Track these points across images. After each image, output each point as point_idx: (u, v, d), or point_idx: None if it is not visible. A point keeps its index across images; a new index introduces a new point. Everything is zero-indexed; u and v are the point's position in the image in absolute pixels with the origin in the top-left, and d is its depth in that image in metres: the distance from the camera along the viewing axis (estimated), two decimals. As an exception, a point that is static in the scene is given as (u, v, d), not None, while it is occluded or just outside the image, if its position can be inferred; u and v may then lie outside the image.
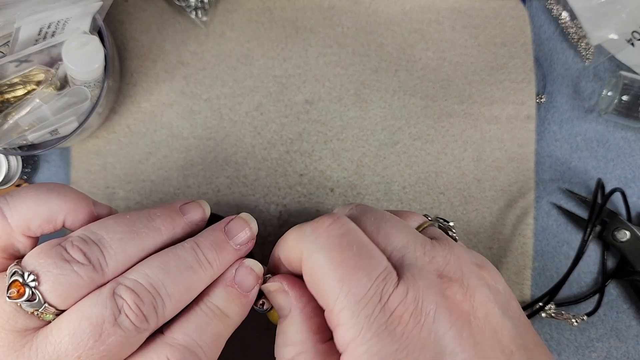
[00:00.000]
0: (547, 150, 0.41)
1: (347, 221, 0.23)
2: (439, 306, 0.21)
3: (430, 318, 0.20)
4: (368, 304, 0.21)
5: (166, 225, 0.25)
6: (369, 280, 0.21)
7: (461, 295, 0.22)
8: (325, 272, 0.22)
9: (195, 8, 0.38)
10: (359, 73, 0.39)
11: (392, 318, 0.20)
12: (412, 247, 0.23)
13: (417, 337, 0.20)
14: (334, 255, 0.22)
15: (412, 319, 0.20)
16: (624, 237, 0.38)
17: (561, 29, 0.42)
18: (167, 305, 0.23)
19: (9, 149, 0.34)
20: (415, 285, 0.21)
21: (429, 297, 0.21)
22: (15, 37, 0.30)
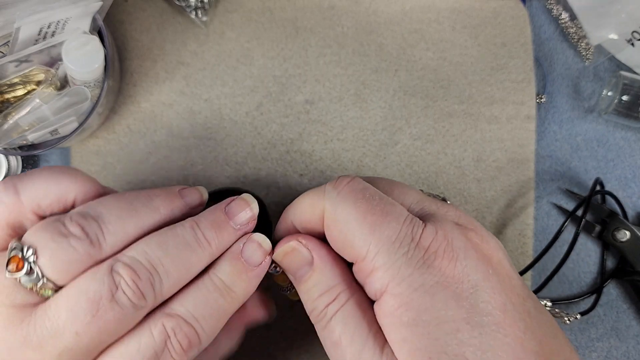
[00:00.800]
0: (547, 150, 0.41)
1: (363, 180, 0.25)
2: (466, 244, 0.22)
3: (462, 254, 0.22)
4: (402, 243, 0.22)
5: (165, 205, 0.25)
6: (398, 224, 0.22)
7: (478, 240, 0.23)
8: (354, 222, 0.22)
9: (195, 8, 0.38)
10: (359, 73, 0.39)
11: (427, 253, 0.22)
12: (427, 200, 0.25)
13: (454, 270, 0.21)
14: (359, 205, 0.23)
15: (446, 255, 0.22)
16: (624, 237, 0.38)
17: (561, 29, 0.42)
18: (164, 282, 0.23)
19: (9, 149, 0.34)
20: (442, 226, 0.23)
21: (457, 237, 0.22)
22: (15, 37, 0.30)
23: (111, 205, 0.24)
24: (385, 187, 0.25)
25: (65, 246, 0.22)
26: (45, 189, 0.24)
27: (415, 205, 0.25)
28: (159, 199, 0.25)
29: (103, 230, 0.23)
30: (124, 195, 0.25)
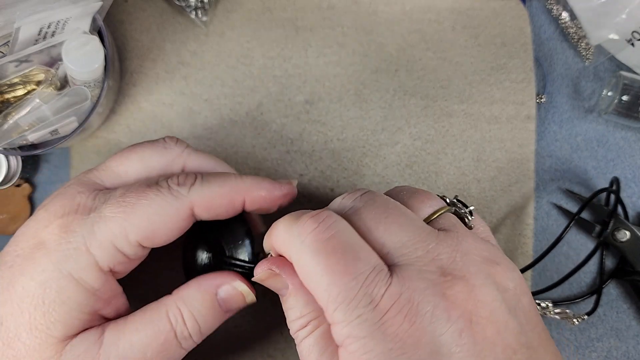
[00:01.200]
0: (547, 150, 0.41)
1: (334, 222, 0.23)
2: (436, 307, 0.21)
3: (426, 319, 0.20)
4: (358, 305, 0.21)
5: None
6: (357, 283, 0.21)
7: (464, 294, 0.21)
8: (314, 276, 0.22)
9: (195, 8, 0.38)
10: (359, 73, 0.39)
11: (384, 318, 0.21)
12: (412, 246, 0.22)
13: (412, 337, 0.20)
14: (319, 261, 0.22)
15: (406, 320, 0.20)
16: (624, 237, 0.38)
17: (561, 29, 0.42)
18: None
19: (9, 149, 0.34)
20: (410, 286, 0.21)
21: (426, 298, 0.21)
22: (15, 37, 0.30)
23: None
24: (371, 221, 0.23)
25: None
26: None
27: (396, 250, 0.23)
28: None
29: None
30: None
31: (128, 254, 0.25)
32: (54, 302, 0.24)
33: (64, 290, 0.24)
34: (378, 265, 0.22)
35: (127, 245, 0.25)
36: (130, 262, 0.26)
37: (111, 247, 0.25)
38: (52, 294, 0.24)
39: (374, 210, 0.24)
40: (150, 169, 0.28)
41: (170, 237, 0.26)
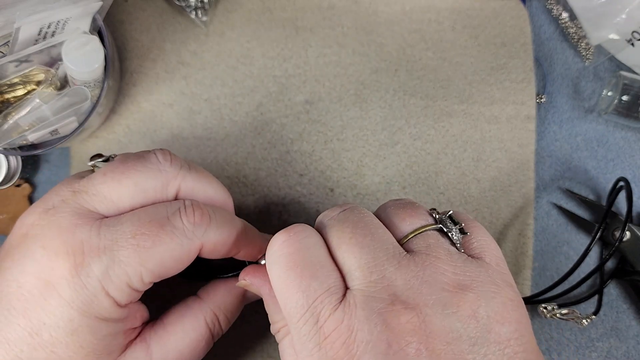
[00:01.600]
0: (547, 150, 0.41)
1: (304, 237, 0.23)
2: (376, 338, 0.20)
3: (361, 349, 0.20)
4: (306, 324, 0.21)
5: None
6: (306, 302, 0.22)
7: (413, 325, 0.20)
8: (276, 287, 0.23)
9: (195, 8, 0.38)
10: (359, 73, 0.39)
11: (325, 342, 0.21)
12: (368, 269, 0.22)
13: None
14: (280, 274, 0.23)
15: (343, 347, 0.20)
16: (624, 237, 0.38)
17: (561, 29, 0.42)
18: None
19: (9, 149, 0.34)
20: (353, 314, 0.21)
21: (366, 328, 0.20)
22: (15, 37, 0.30)
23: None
24: (337, 239, 0.23)
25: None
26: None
27: (354, 271, 0.22)
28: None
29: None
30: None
31: (141, 290, 0.26)
32: (90, 343, 0.24)
33: (97, 331, 0.24)
34: (333, 287, 0.22)
35: (141, 285, 0.25)
36: (144, 292, 0.27)
37: (127, 288, 0.25)
38: (86, 337, 0.24)
39: (343, 228, 0.24)
40: (145, 194, 0.26)
41: (173, 274, 0.27)
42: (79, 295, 0.23)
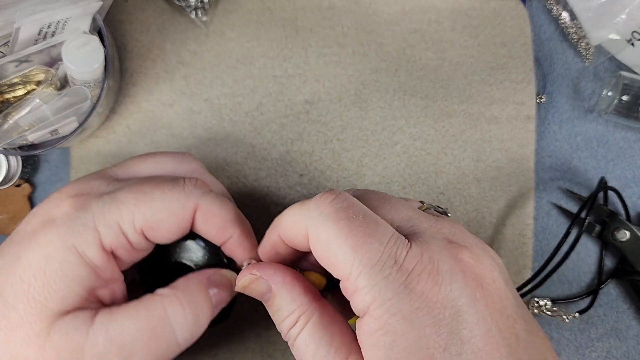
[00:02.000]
0: (547, 150, 0.41)
1: (349, 196, 0.24)
2: (453, 267, 0.21)
3: (447, 278, 0.21)
4: (384, 266, 0.21)
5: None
6: (380, 245, 0.22)
7: (472, 260, 0.22)
8: (336, 243, 0.22)
9: (195, 8, 0.38)
10: (359, 73, 0.39)
11: (410, 278, 0.21)
12: (418, 219, 0.24)
13: (437, 295, 0.21)
14: (341, 226, 0.22)
15: (430, 279, 0.21)
16: (624, 237, 0.38)
17: (561, 29, 0.42)
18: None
19: (9, 149, 0.34)
20: (429, 248, 0.22)
21: (443, 258, 0.22)
22: (15, 37, 0.30)
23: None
24: (376, 202, 0.25)
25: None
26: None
27: (405, 222, 0.24)
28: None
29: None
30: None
31: (130, 240, 0.26)
32: (55, 274, 0.24)
33: (66, 263, 0.24)
34: (396, 232, 0.23)
35: (131, 230, 0.26)
36: (131, 251, 0.27)
37: (117, 228, 0.25)
38: (54, 265, 0.24)
39: (375, 194, 0.25)
40: (163, 172, 0.29)
41: (167, 235, 0.27)
42: (69, 224, 0.25)
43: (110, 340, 0.24)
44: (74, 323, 0.24)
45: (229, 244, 0.28)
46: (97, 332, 0.24)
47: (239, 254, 0.28)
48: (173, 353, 0.26)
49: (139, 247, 0.27)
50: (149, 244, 0.27)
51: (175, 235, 0.27)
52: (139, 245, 0.27)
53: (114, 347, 0.24)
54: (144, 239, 0.26)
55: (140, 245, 0.27)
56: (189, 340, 0.26)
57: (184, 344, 0.26)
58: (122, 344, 0.24)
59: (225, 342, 0.36)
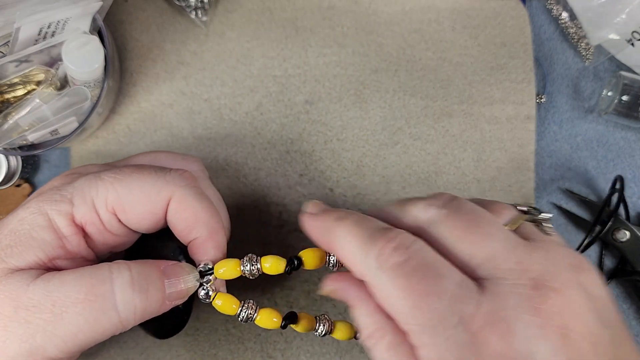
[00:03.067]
0: (547, 150, 0.41)
1: (412, 243, 0.22)
2: (531, 324, 0.19)
3: (521, 337, 0.19)
4: (446, 326, 0.20)
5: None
6: (441, 303, 0.20)
7: (558, 307, 0.20)
8: (395, 299, 0.21)
9: (195, 8, 0.38)
10: (359, 73, 0.39)
11: (477, 339, 0.19)
12: (502, 257, 0.21)
13: (507, 350, 0.19)
14: (398, 285, 0.21)
15: (500, 338, 0.19)
16: (624, 237, 0.38)
17: (561, 29, 0.42)
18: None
19: (9, 149, 0.34)
20: (504, 301, 0.20)
21: (520, 314, 0.19)
22: (15, 37, 0.30)
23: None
24: (458, 231, 0.22)
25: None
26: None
27: (486, 262, 0.21)
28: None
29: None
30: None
31: (102, 218, 0.26)
32: (22, 234, 0.25)
33: (34, 225, 0.25)
34: (463, 281, 0.21)
35: (103, 207, 0.26)
36: (103, 232, 0.27)
37: (90, 203, 0.26)
38: (25, 226, 0.25)
39: (462, 218, 0.22)
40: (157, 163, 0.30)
41: (139, 220, 0.27)
42: (49, 195, 0.26)
43: (46, 294, 0.23)
44: (20, 277, 0.24)
45: (193, 244, 0.28)
46: (37, 287, 0.24)
47: (199, 255, 0.27)
48: (110, 321, 0.24)
49: (112, 230, 0.27)
50: (123, 228, 0.27)
51: (148, 223, 0.27)
52: (111, 226, 0.27)
53: (48, 301, 0.23)
54: (116, 221, 0.27)
55: (112, 227, 0.27)
56: (130, 314, 0.25)
57: (123, 314, 0.24)
58: (56, 299, 0.23)
59: (225, 342, 0.36)
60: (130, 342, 0.36)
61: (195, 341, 0.36)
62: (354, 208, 0.38)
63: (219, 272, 0.27)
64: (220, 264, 0.27)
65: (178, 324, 0.29)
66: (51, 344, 0.23)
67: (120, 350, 0.36)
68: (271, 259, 0.27)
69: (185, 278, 0.26)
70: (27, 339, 0.23)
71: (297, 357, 0.36)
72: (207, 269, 0.27)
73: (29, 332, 0.23)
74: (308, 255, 0.27)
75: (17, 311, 0.23)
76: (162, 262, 0.27)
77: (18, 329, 0.23)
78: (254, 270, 0.27)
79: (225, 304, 0.27)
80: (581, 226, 0.40)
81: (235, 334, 0.36)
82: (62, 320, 0.23)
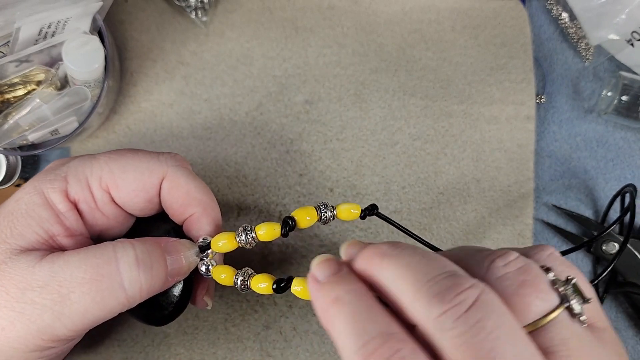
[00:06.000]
0: (547, 150, 0.41)
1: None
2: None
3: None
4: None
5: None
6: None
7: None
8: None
9: (195, 8, 0.38)
10: (359, 73, 0.39)
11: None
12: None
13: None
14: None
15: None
16: (613, 250, 0.38)
17: (561, 29, 0.42)
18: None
19: (9, 149, 0.34)
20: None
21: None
22: (16, 37, 0.31)
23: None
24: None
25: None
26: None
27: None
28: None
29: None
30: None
31: (95, 195, 0.27)
32: (19, 213, 0.25)
33: (31, 203, 0.26)
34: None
35: (96, 185, 0.27)
36: (95, 210, 0.27)
37: (84, 181, 0.27)
38: (22, 206, 0.26)
39: (479, 345, 0.17)
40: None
41: (132, 198, 0.27)
42: (45, 174, 0.27)
43: (52, 275, 0.24)
44: (26, 258, 0.24)
45: (189, 221, 0.28)
46: (42, 268, 0.24)
47: (195, 232, 0.28)
48: (117, 300, 0.24)
49: (104, 209, 0.27)
50: (115, 209, 0.28)
51: (141, 202, 0.28)
52: (104, 205, 0.27)
53: (54, 282, 0.24)
54: (109, 199, 0.27)
55: (104, 206, 0.27)
56: (136, 291, 0.25)
57: (130, 291, 0.25)
58: (62, 280, 0.24)
59: (224, 341, 0.36)
60: (129, 340, 0.36)
61: (195, 340, 0.36)
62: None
63: (217, 245, 0.27)
64: (217, 238, 0.28)
65: (175, 309, 0.29)
66: (60, 324, 0.24)
67: (119, 348, 0.36)
68: (265, 226, 0.27)
69: (186, 254, 0.27)
70: (35, 320, 0.23)
71: (296, 355, 0.36)
72: (206, 244, 0.28)
73: (37, 313, 0.23)
74: (301, 213, 0.27)
75: (24, 292, 0.23)
76: (163, 239, 0.27)
77: (26, 309, 0.23)
78: (250, 239, 0.27)
79: (228, 275, 0.28)
80: (572, 241, 0.39)
81: (235, 333, 0.36)
82: (70, 300, 0.24)
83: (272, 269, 0.37)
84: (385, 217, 0.30)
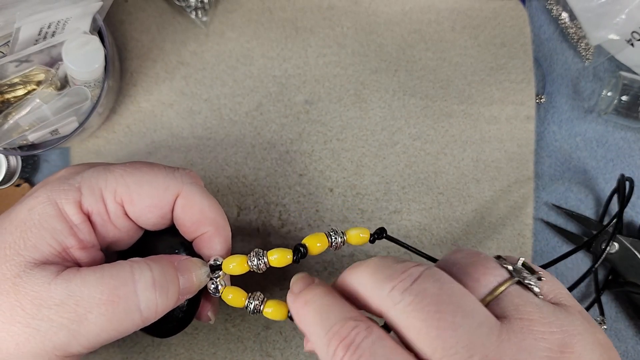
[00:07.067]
0: (546, 151, 0.41)
1: (362, 339, 0.20)
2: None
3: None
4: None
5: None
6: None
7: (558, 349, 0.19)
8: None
9: (195, 8, 0.38)
10: (359, 73, 0.39)
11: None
12: (467, 354, 0.19)
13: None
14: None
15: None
16: (613, 249, 0.38)
17: (561, 29, 0.42)
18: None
19: (9, 149, 0.34)
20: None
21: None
22: (16, 37, 0.31)
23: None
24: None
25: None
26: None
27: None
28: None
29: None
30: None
31: (109, 208, 0.27)
32: (32, 224, 0.25)
33: (44, 215, 0.25)
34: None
35: (111, 198, 0.26)
36: (108, 223, 0.27)
37: (98, 193, 0.26)
38: (34, 216, 0.25)
39: (423, 307, 0.20)
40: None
41: (146, 214, 0.27)
42: (57, 184, 0.26)
43: (68, 294, 0.23)
44: (41, 274, 0.24)
45: (200, 240, 0.28)
46: (58, 285, 0.24)
47: (206, 250, 0.28)
48: (133, 321, 0.25)
49: (116, 222, 0.27)
50: (127, 222, 0.27)
51: (154, 217, 0.27)
52: (116, 218, 0.27)
53: (71, 301, 0.23)
54: (122, 213, 0.27)
55: (117, 219, 0.27)
56: (152, 312, 0.25)
57: (146, 313, 0.25)
58: (79, 299, 0.23)
59: (224, 341, 0.36)
60: (129, 341, 0.36)
61: (195, 340, 0.36)
62: (353, 208, 0.38)
63: (228, 268, 0.27)
64: (229, 260, 0.27)
65: (180, 323, 0.29)
66: (75, 342, 0.24)
67: (119, 349, 0.36)
68: (277, 252, 0.27)
69: (198, 273, 0.27)
70: (51, 337, 0.23)
71: (296, 356, 0.36)
72: (217, 264, 0.28)
73: (53, 331, 0.23)
74: (312, 240, 0.27)
75: (40, 309, 0.23)
76: (175, 257, 0.27)
77: (42, 326, 0.23)
78: (261, 265, 0.27)
79: (235, 297, 0.28)
80: (573, 241, 0.40)
81: (235, 333, 0.36)
82: (87, 320, 0.24)
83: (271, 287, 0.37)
84: (394, 239, 0.30)
